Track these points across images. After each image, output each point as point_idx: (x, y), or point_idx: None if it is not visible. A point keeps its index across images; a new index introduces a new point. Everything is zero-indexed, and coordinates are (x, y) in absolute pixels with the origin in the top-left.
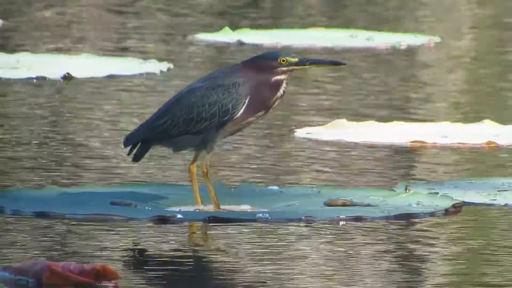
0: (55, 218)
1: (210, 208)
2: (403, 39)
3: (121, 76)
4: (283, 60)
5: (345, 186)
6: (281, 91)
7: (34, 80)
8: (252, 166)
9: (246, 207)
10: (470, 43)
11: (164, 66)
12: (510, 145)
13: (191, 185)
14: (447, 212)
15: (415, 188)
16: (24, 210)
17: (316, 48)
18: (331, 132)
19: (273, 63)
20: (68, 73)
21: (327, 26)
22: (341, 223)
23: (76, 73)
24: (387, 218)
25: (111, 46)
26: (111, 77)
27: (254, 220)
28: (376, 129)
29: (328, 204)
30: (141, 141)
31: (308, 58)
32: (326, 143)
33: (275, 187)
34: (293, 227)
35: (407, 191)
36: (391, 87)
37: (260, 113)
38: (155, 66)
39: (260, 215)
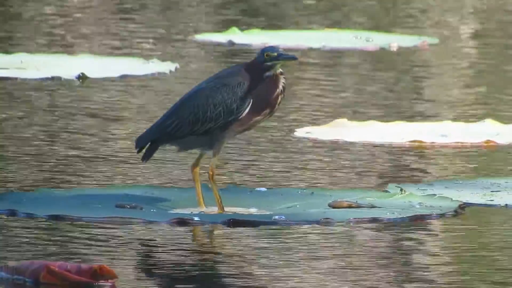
0: (66, 220)
1: (214, 210)
2: (402, 40)
3: (133, 76)
4: (267, 55)
5: (342, 187)
6: (280, 86)
7: (49, 81)
8: (251, 166)
9: (253, 210)
10: (469, 43)
11: (172, 65)
12: (509, 144)
13: (194, 187)
14: (457, 213)
15: (405, 189)
16: (36, 213)
17: (315, 48)
18: (331, 132)
19: (261, 59)
20: (82, 73)
21: (328, 26)
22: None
23: (87, 73)
24: (402, 219)
25: (111, 46)
26: (124, 77)
27: (273, 223)
28: (376, 129)
29: (332, 206)
30: (150, 142)
31: (283, 53)
32: (326, 143)
33: (263, 189)
34: (306, 229)
35: (402, 192)
36: (391, 87)
37: (266, 111)
38: (161, 66)
39: (277, 217)
